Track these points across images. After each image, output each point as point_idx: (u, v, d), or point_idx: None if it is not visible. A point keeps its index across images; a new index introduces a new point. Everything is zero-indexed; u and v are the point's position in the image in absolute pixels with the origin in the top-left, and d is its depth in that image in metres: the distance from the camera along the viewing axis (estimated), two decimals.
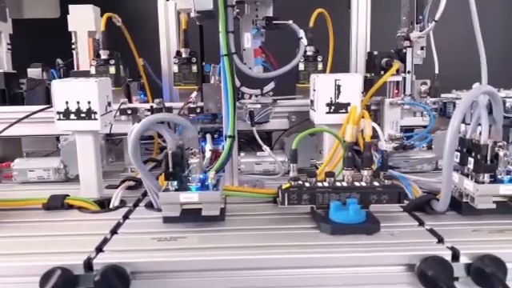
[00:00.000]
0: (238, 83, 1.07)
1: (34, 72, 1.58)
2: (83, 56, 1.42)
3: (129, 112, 1.25)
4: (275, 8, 1.10)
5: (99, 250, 0.77)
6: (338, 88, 1.01)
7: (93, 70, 1.29)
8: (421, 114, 1.31)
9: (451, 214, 0.91)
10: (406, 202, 0.92)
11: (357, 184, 0.88)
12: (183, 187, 0.86)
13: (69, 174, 1.23)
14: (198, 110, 1.26)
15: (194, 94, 1.26)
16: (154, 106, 1.27)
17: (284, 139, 1.29)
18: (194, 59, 1.30)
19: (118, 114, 1.25)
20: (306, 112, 1.26)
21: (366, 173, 0.90)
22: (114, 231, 0.86)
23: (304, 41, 1.08)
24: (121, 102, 1.25)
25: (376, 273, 0.73)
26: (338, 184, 0.88)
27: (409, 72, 1.26)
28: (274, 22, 1.08)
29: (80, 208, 0.99)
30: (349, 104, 1.02)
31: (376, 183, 0.88)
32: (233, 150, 1.07)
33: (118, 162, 1.43)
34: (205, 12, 1.02)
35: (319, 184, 0.88)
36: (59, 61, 1.60)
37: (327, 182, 0.89)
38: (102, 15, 1.37)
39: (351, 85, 1.02)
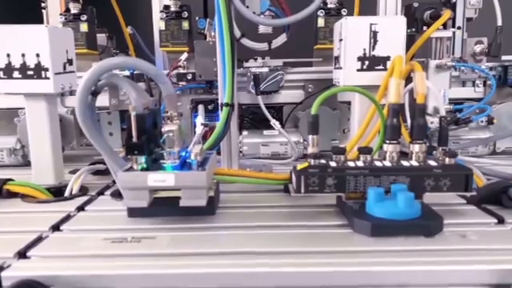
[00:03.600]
0: (237, 33, 0.80)
1: None
2: (54, 14, 1.17)
3: None
4: None
5: (22, 255, 0.51)
6: (374, 35, 0.74)
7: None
8: (472, 84, 1.03)
9: None
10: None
11: (405, 164, 0.61)
12: (155, 166, 0.60)
13: (29, 157, 0.97)
14: (190, 77, 0.99)
15: (184, 55, 1.00)
16: (135, 72, 1.00)
17: (298, 114, 1.02)
18: (185, 14, 1.04)
19: None
20: (326, 80, 0.99)
21: (417, 148, 0.63)
22: (56, 227, 0.60)
23: None
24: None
25: None
26: (378, 163, 0.61)
27: (459, 28, 0.98)
28: None
29: (24, 196, 0.74)
30: (388, 58, 0.75)
31: (433, 162, 0.61)
32: (230, 123, 0.81)
33: None
34: None
35: (350, 164, 0.61)
36: None
37: (362, 161, 0.62)
38: None
39: (392, 31, 0.74)
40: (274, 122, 0.92)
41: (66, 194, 0.75)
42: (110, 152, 0.63)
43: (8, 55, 0.75)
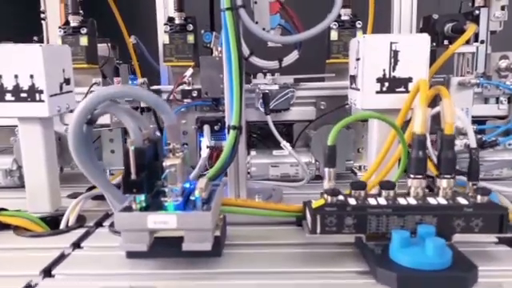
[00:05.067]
0: (246, 51, 0.75)
1: None
2: (55, 27, 1.12)
3: None
4: None
5: None
6: (394, 55, 0.68)
7: (59, 42, 0.98)
8: (496, 101, 0.97)
9: None
10: None
11: (432, 201, 0.55)
12: (156, 204, 0.54)
13: None
14: (195, 94, 0.94)
15: (189, 71, 0.94)
16: (138, 85, 0.95)
17: (310, 133, 0.96)
18: (190, 26, 0.98)
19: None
20: (339, 97, 0.93)
21: (445, 183, 0.57)
22: (47, 271, 0.55)
23: None
24: (91, 84, 0.94)
25: None
26: (402, 201, 0.55)
27: (482, 42, 0.92)
28: None
29: (16, 228, 0.69)
30: (410, 79, 0.69)
31: (463, 200, 0.55)
32: (238, 147, 0.75)
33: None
34: None
35: (371, 201, 0.55)
36: (35, 38, 1.31)
37: (384, 198, 0.56)
38: None
39: (415, 50, 0.68)
40: (285, 144, 0.86)
41: (62, 225, 0.70)
42: (108, 187, 0.58)
43: (0, 76, 0.70)
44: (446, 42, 0.91)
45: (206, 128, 0.87)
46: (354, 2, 1.00)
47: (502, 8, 0.90)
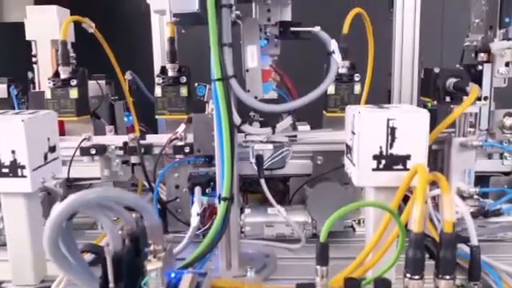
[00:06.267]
0: (237, 120, 0.71)
1: None
2: (45, 73, 1.10)
3: (93, 152, 0.91)
4: (294, 8, 0.74)
5: None
6: (392, 132, 0.65)
7: (48, 94, 0.96)
8: (500, 156, 0.93)
9: None
10: None
11: None
12: None
13: None
14: (187, 150, 0.91)
15: (182, 127, 0.91)
16: (128, 142, 0.92)
17: (307, 190, 0.93)
18: (183, 78, 0.95)
19: (78, 154, 0.91)
20: (336, 152, 0.90)
21: (444, 285, 0.53)
22: None
23: (337, 56, 0.72)
24: (82, 139, 0.91)
25: None
26: None
27: (486, 98, 0.88)
28: (293, 29, 0.72)
29: None
30: (409, 157, 0.65)
31: None
32: (230, 218, 0.72)
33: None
34: (189, 15, 0.67)
35: None
36: (30, 74, 1.29)
37: None
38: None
39: (413, 127, 0.65)
40: (279, 209, 0.83)
41: None
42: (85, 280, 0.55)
43: None
44: (447, 99, 0.88)
45: (198, 192, 0.83)
46: (353, 43, 0.96)
47: (507, 64, 0.86)
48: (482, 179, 0.94)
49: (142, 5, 0.95)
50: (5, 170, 0.68)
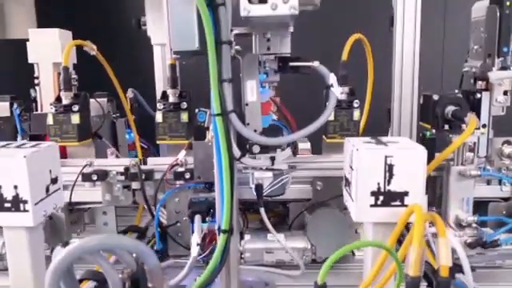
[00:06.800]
0: (237, 153, 0.72)
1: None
2: (47, 95, 1.11)
3: (94, 178, 0.92)
4: (294, 41, 0.75)
5: None
6: (389, 169, 0.65)
7: (50, 120, 0.97)
8: (498, 182, 0.94)
9: None
10: None
11: None
12: None
13: None
14: (188, 176, 0.91)
15: (182, 153, 0.92)
16: (130, 167, 0.93)
17: (306, 216, 0.94)
18: (183, 104, 0.96)
19: (79, 179, 0.92)
20: (336, 178, 0.91)
21: None
22: None
23: (336, 90, 0.73)
24: (83, 165, 0.92)
25: None
26: None
27: (484, 126, 0.89)
28: (292, 64, 0.73)
29: None
30: (406, 193, 0.66)
31: None
32: (229, 250, 0.73)
33: (90, 231, 1.10)
34: (189, 51, 0.68)
35: None
36: (32, 92, 1.29)
37: None
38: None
39: (411, 164, 0.65)
40: (278, 238, 0.83)
41: None
42: None
43: None
44: (446, 127, 0.88)
45: (197, 220, 0.84)
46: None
47: (505, 93, 0.87)
48: (480, 205, 0.94)
49: (142, 23, 0.95)
50: (7, 205, 0.68)
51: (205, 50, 0.65)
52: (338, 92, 0.73)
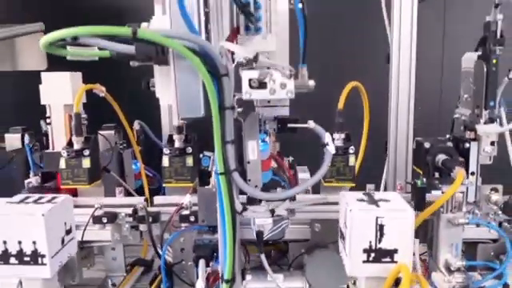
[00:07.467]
0: (239, 208, 0.78)
1: (11, 139, 1.33)
2: (59, 135, 1.16)
3: (104, 221, 0.97)
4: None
5: None
6: (380, 229, 0.71)
7: (62, 164, 1.02)
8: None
9: None
10: None
11: None
12: None
13: None
14: (193, 219, 0.97)
15: (187, 197, 0.98)
16: (138, 210, 0.99)
17: (305, 258, 0.99)
18: (189, 149, 1.02)
19: (90, 222, 0.98)
20: (332, 221, 0.96)
21: None
22: None
23: (331, 148, 0.78)
24: (94, 208, 0.98)
25: None
26: None
27: (473, 174, 0.94)
28: (290, 125, 0.78)
29: None
30: (396, 251, 0.71)
31: None
32: None
33: (98, 268, 1.15)
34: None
35: None
36: (43, 125, 1.34)
37: None
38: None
39: (400, 224, 0.71)
40: (277, 281, 0.89)
41: None
42: None
43: (5, 242, 0.74)
44: (436, 175, 0.93)
45: (202, 265, 0.89)
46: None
47: (492, 143, 0.92)
48: (470, 246, 0.99)
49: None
50: (26, 259, 0.74)
51: (209, 113, 0.71)
52: (333, 150, 0.78)
